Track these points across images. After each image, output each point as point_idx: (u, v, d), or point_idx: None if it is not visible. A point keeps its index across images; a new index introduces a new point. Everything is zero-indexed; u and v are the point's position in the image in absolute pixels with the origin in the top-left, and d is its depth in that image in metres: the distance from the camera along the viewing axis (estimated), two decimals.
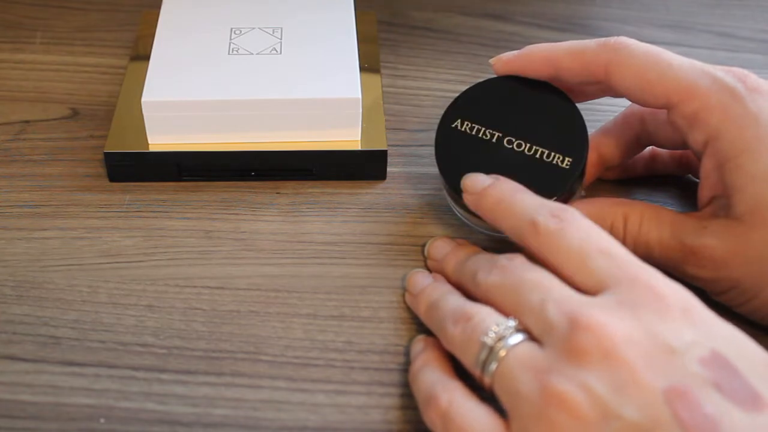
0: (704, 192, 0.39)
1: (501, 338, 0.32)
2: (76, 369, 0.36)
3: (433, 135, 0.41)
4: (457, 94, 0.42)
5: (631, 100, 0.40)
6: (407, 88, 0.51)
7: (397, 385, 0.36)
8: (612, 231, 0.39)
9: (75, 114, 0.49)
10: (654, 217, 0.39)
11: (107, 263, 0.41)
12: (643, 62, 0.38)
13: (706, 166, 0.38)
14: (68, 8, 0.57)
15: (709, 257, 0.37)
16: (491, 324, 0.33)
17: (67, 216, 0.43)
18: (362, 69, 0.47)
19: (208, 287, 0.40)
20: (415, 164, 0.46)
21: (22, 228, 0.42)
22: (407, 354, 0.37)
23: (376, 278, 0.40)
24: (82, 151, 0.47)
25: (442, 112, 0.42)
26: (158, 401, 0.35)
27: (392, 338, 0.38)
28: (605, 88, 0.41)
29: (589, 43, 0.39)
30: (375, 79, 0.49)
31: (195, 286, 0.40)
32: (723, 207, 0.37)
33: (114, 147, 0.44)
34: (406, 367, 0.37)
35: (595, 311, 0.30)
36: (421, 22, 0.57)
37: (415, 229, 0.43)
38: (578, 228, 0.34)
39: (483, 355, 0.32)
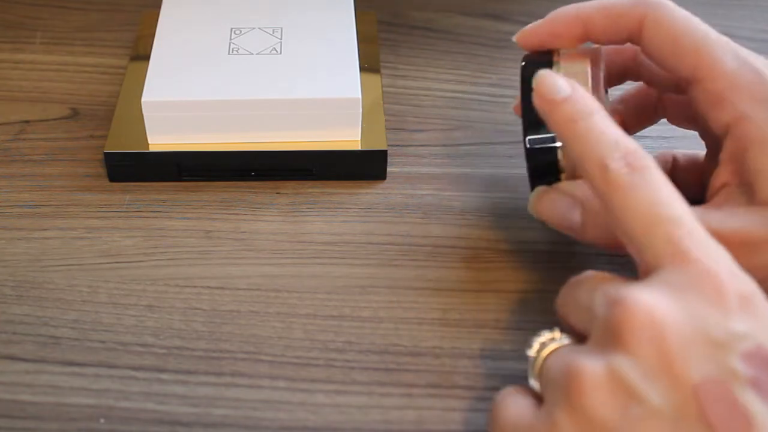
0: (720, 178, 0.37)
1: (542, 347, 0.32)
2: (76, 369, 0.36)
3: (432, 135, 0.41)
4: (456, 95, 0.42)
5: (656, 63, 0.38)
6: (407, 88, 0.51)
7: (397, 385, 0.36)
8: None
9: (75, 114, 0.49)
10: None
11: (107, 263, 0.41)
12: (680, 25, 0.37)
13: (728, 150, 0.36)
14: (68, 8, 0.57)
15: (744, 242, 0.34)
16: (535, 337, 0.32)
17: (67, 216, 0.43)
18: (362, 69, 0.47)
19: (208, 287, 0.40)
20: (415, 164, 0.46)
21: (22, 228, 0.42)
22: (407, 354, 0.37)
23: (376, 278, 0.40)
24: (82, 151, 0.47)
25: (442, 112, 0.42)
26: (158, 401, 0.35)
27: (392, 338, 0.38)
28: (630, 65, 0.40)
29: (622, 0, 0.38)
30: (375, 79, 0.49)
31: (195, 286, 0.40)
32: (742, 194, 0.36)
33: (114, 147, 0.44)
34: (406, 367, 0.37)
35: (640, 291, 0.29)
36: (421, 22, 0.57)
37: (415, 229, 0.43)
38: (651, 186, 0.31)
39: (530, 368, 0.32)
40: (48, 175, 0.45)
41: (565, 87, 0.35)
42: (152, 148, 0.44)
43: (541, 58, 0.39)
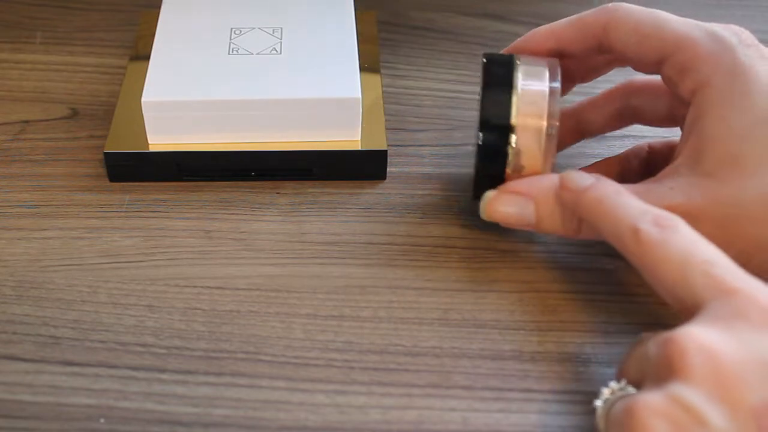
0: (678, 148, 0.38)
1: (611, 395, 0.32)
2: (76, 369, 0.36)
3: (432, 135, 0.41)
4: (456, 95, 0.42)
5: (628, 58, 0.40)
6: (407, 88, 0.51)
7: (397, 385, 0.36)
8: None
9: (75, 114, 0.49)
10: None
11: (107, 263, 0.41)
12: (639, 18, 0.38)
13: (690, 117, 0.37)
14: (68, 8, 0.57)
15: (682, 216, 0.35)
16: (603, 388, 0.32)
17: (67, 216, 0.43)
18: (362, 69, 0.47)
19: (208, 287, 0.40)
20: (415, 164, 0.46)
21: (22, 228, 0.42)
22: (407, 354, 0.37)
23: (376, 278, 0.40)
24: (82, 151, 0.47)
25: (442, 112, 0.42)
26: (158, 401, 0.35)
27: (392, 338, 0.38)
28: (610, 59, 0.41)
29: (587, 11, 0.40)
30: (375, 79, 0.49)
31: (195, 286, 0.40)
32: (688, 164, 0.37)
33: (114, 147, 0.44)
34: (405, 367, 0.37)
35: (688, 327, 0.30)
36: (421, 22, 0.57)
37: (415, 229, 0.43)
38: (682, 238, 0.33)
39: (598, 419, 0.32)
40: (48, 175, 0.45)
41: (588, 177, 0.37)
42: (152, 148, 0.44)
43: (502, 58, 0.40)
